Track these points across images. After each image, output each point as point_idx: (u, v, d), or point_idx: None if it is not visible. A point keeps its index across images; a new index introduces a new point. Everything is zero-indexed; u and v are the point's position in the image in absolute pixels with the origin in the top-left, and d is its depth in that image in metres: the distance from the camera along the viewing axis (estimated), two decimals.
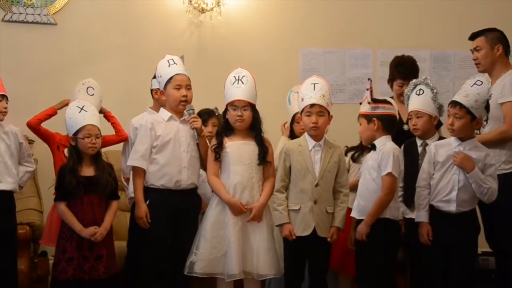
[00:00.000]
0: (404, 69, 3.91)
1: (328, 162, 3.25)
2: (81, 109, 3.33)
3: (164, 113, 3.42)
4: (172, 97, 3.38)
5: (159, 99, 3.63)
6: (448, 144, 3.25)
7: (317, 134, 3.28)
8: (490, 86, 3.19)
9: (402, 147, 3.40)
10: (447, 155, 3.20)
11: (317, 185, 3.22)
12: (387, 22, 5.03)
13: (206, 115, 3.79)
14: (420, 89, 3.38)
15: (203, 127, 3.48)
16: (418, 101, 3.39)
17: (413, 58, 3.99)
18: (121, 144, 3.95)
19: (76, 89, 3.88)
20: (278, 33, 4.96)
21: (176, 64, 3.42)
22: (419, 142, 3.44)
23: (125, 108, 4.35)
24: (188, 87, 3.41)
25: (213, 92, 3.67)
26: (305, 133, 3.33)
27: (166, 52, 3.55)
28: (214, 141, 3.39)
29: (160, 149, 3.34)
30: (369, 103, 3.21)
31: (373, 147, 3.23)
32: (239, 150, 3.33)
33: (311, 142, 3.29)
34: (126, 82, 4.72)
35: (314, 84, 3.28)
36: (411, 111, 3.44)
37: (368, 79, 3.33)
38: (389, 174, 3.12)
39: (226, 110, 3.37)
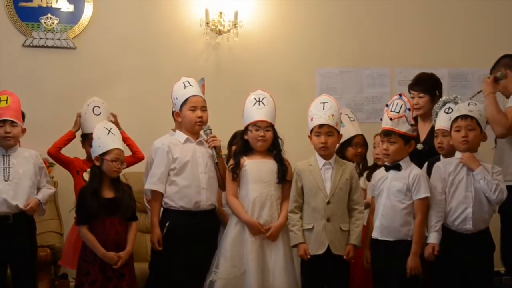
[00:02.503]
0: (412, 81, 3.98)
1: (339, 179, 3.32)
2: (109, 131, 3.42)
3: (180, 136, 3.51)
4: (187, 118, 3.47)
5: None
6: (454, 160, 3.30)
7: (327, 153, 3.37)
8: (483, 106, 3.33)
9: (425, 166, 3.46)
10: (458, 172, 3.26)
11: (328, 202, 3.30)
12: (404, 40, 5.14)
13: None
14: (449, 108, 3.39)
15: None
16: (446, 119, 3.38)
17: (427, 74, 4.01)
18: (139, 165, 4.04)
19: (83, 111, 3.94)
20: (294, 54, 5.09)
21: (192, 86, 3.52)
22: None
23: (144, 131, 4.51)
24: (204, 108, 3.49)
25: (231, 114, 3.81)
26: (315, 153, 3.42)
27: (183, 74, 3.68)
28: (231, 161, 3.48)
29: (179, 171, 3.43)
30: (412, 125, 3.22)
31: (396, 167, 3.28)
32: (258, 168, 3.42)
33: (321, 161, 3.37)
34: (144, 104, 4.87)
35: (324, 103, 3.36)
36: (438, 129, 3.45)
37: (399, 94, 3.30)
38: (425, 198, 3.20)
39: (245, 131, 3.47)
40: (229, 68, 5.02)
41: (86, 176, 3.76)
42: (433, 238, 3.21)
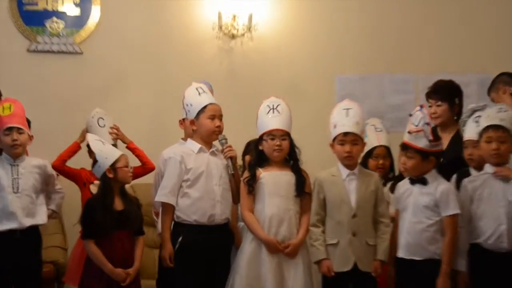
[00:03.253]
0: (429, 89, 3.92)
1: (364, 191, 3.29)
2: (103, 142, 3.46)
3: (194, 145, 3.49)
4: (206, 127, 3.46)
5: (185, 129, 3.76)
6: (482, 175, 3.26)
7: (352, 163, 3.33)
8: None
9: (454, 179, 3.41)
10: (485, 186, 3.21)
11: (354, 216, 3.26)
12: (429, 44, 5.08)
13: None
14: (478, 116, 3.34)
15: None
16: (476, 129, 3.33)
17: (445, 81, 3.94)
18: (148, 176, 4.05)
19: (88, 124, 4.01)
20: (312, 59, 5.06)
21: (206, 93, 3.52)
22: (473, 173, 3.39)
23: (153, 139, 4.49)
24: (221, 117, 3.50)
25: (245, 122, 3.76)
26: (338, 163, 3.37)
27: (195, 80, 3.65)
28: (246, 174, 3.45)
29: (193, 183, 3.41)
30: (430, 141, 3.17)
31: (422, 181, 3.24)
32: (275, 181, 3.38)
33: (344, 171, 3.33)
34: (154, 111, 4.87)
35: (347, 109, 3.33)
36: (467, 140, 3.40)
37: (421, 106, 3.27)
38: (455, 215, 3.15)
39: (259, 141, 3.44)
40: (242, 73, 5.00)
41: (93, 188, 3.74)
42: (463, 265, 3.19)
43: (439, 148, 3.27)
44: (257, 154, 3.47)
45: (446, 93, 3.83)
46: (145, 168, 4.03)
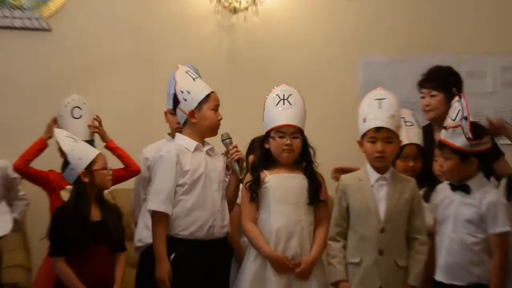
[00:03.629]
0: (422, 76, 4.00)
1: (397, 200, 3.28)
2: (75, 139, 3.48)
3: (189, 142, 3.49)
4: (209, 120, 3.48)
5: (169, 122, 3.81)
6: None
7: (384, 165, 3.33)
8: None
9: (503, 185, 3.43)
10: None
11: (382, 230, 3.26)
12: (473, 20, 5.10)
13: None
14: None
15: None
16: None
17: (442, 67, 4.00)
18: (130, 181, 4.07)
19: (59, 113, 4.00)
20: (330, 38, 5.08)
21: (199, 78, 3.56)
22: None
23: (138, 134, 4.51)
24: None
25: (249, 115, 3.76)
26: (366, 164, 3.38)
27: (189, 63, 3.68)
28: (248, 177, 3.45)
29: (190, 188, 3.42)
30: (468, 139, 3.17)
31: (464, 189, 3.24)
32: (283, 185, 3.39)
33: (373, 175, 3.34)
34: (138, 101, 4.88)
35: (380, 100, 3.35)
36: None
37: (459, 96, 3.28)
38: (505, 234, 3.14)
39: (266, 138, 3.46)
40: (246, 56, 5.00)
41: (64, 195, 3.76)
42: None
43: (482, 147, 3.24)
44: (262, 153, 3.48)
45: (442, 81, 3.89)
46: (129, 170, 4.02)
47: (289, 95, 3.44)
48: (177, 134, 3.58)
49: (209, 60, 4.39)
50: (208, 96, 3.48)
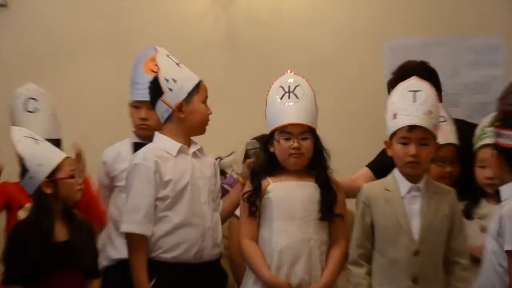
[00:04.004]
0: (392, 75, 4.09)
1: (433, 215, 3.28)
2: (36, 139, 3.46)
3: (170, 144, 3.49)
4: (200, 114, 3.51)
5: (133, 118, 3.91)
6: None
7: (417, 172, 3.33)
8: None
9: None
10: None
11: (416, 252, 3.24)
12: None
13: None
14: None
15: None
16: None
17: (415, 62, 4.17)
18: None
19: (11, 108, 3.96)
20: (349, 17, 5.11)
21: (181, 63, 3.57)
22: None
23: (109, 133, 4.43)
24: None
25: (250, 109, 3.78)
26: (394, 170, 3.38)
27: (176, 47, 3.68)
28: (247, 186, 3.46)
29: (173, 202, 3.41)
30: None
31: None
32: (289, 196, 3.38)
33: (404, 185, 3.33)
34: (112, 92, 4.83)
35: (415, 92, 3.35)
36: None
37: None
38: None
39: (270, 139, 3.46)
40: (246, 37, 5.02)
41: (22, 213, 3.70)
42: None
43: None
44: (266, 158, 3.49)
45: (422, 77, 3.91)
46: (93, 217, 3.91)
47: (296, 86, 3.43)
48: (156, 134, 3.56)
49: (202, 43, 4.40)
50: (198, 85, 3.50)
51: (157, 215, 3.40)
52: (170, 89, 3.49)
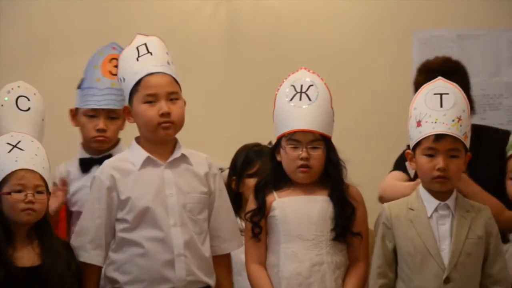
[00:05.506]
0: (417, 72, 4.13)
1: (465, 237, 3.27)
2: (14, 146, 3.44)
3: (135, 154, 3.49)
4: (142, 118, 3.44)
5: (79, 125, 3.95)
6: None
7: (445, 188, 3.32)
8: None
9: None
10: None
11: (447, 280, 3.23)
12: None
13: (244, 154, 3.91)
14: None
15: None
16: None
17: (451, 59, 4.22)
18: None
19: None
20: (371, 6, 5.12)
21: (152, 53, 3.51)
22: None
23: None
24: (173, 96, 3.45)
25: (253, 112, 3.79)
26: (419, 186, 3.38)
27: (170, 38, 3.70)
28: (251, 203, 3.48)
29: (133, 225, 3.40)
30: None
31: None
32: (296, 213, 3.39)
33: (431, 203, 3.32)
34: None
35: (441, 95, 3.34)
36: None
37: None
38: None
39: (276, 146, 3.47)
40: (250, 30, 5.05)
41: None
42: None
43: None
44: (271, 170, 3.50)
45: (461, 77, 3.95)
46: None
47: (309, 85, 3.42)
48: (133, 140, 3.56)
49: (198, 38, 4.35)
50: (139, 82, 3.45)
51: (118, 237, 3.43)
52: (123, 89, 3.56)
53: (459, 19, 5.11)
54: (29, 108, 3.92)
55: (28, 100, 3.94)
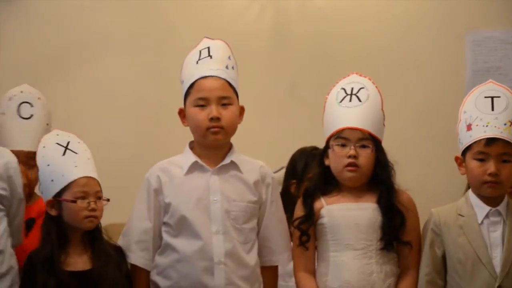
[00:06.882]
0: None
1: None
2: (66, 148, 3.47)
3: (185, 158, 3.52)
4: (192, 121, 3.47)
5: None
6: None
7: (497, 194, 3.31)
8: None
9: None
10: None
11: None
12: None
13: (304, 158, 3.94)
14: None
15: None
16: None
17: None
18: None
19: (1, 109, 3.98)
20: (422, 7, 5.15)
21: (212, 57, 3.53)
22: None
23: (135, 144, 4.60)
24: (225, 101, 3.46)
25: (300, 115, 3.81)
26: (469, 192, 3.38)
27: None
28: (298, 210, 3.49)
29: (176, 230, 3.44)
30: None
31: None
32: (344, 221, 3.39)
33: (482, 209, 3.31)
34: (139, 97, 4.94)
35: (493, 98, 3.34)
36: None
37: None
38: None
39: (325, 150, 3.49)
40: (299, 30, 5.08)
41: None
42: None
43: None
44: (319, 173, 3.51)
45: None
46: None
47: (360, 88, 3.45)
48: (186, 146, 3.59)
49: (244, 39, 4.38)
50: (192, 85, 3.48)
51: (165, 242, 3.45)
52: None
53: None
54: (31, 116, 3.95)
55: (32, 106, 3.96)
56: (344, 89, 3.47)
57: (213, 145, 3.47)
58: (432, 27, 5.11)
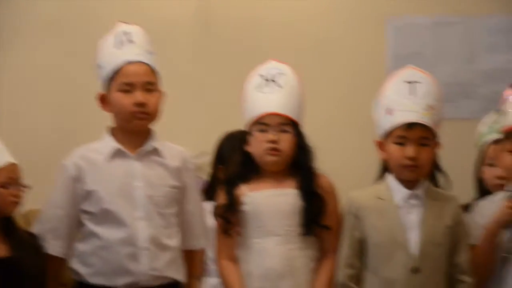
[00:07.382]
0: None
1: (434, 226, 3.30)
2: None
3: (105, 144, 3.50)
4: (117, 106, 3.46)
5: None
6: None
7: (415, 177, 3.35)
8: None
9: None
10: None
11: (416, 270, 3.26)
12: None
13: (231, 143, 3.98)
14: None
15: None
16: None
17: None
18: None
19: None
20: None
21: (133, 42, 3.53)
22: None
23: (62, 132, 4.59)
24: (150, 86, 3.46)
25: (224, 101, 3.86)
26: (388, 176, 3.40)
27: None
28: (221, 197, 3.51)
29: (100, 218, 3.41)
30: None
31: None
32: (265, 207, 3.42)
33: (400, 192, 3.35)
34: (59, 82, 4.93)
35: (413, 83, 3.37)
36: None
37: None
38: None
39: (246, 136, 3.52)
40: (221, 15, 5.06)
41: None
42: None
43: None
44: (241, 159, 3.54)
45: None
46: None
47: (278, 73, 3.51)
48: (105, 132, 3.58)
49: (167, 22, 4.37)
50: (118, 71, 3.46)
51: (85, 229, 3.44)
52: (100, 78, 3.55)
53: (434, 6, 5.15)
54: None
55: None
56: (262, 75, 3.51)
57: (137, 130, 3.48)
58: (354, 12, 5.15)
